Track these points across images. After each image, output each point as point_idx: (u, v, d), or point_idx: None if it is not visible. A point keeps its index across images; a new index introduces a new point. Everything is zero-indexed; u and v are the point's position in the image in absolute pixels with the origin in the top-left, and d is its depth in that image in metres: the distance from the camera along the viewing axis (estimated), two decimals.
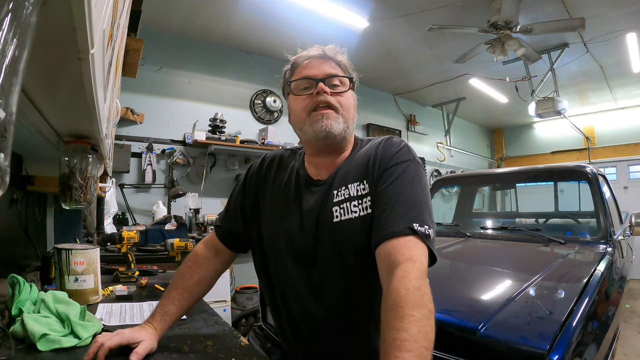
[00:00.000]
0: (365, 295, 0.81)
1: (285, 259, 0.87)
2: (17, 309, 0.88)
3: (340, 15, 3.32)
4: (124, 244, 1.59)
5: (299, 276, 0.85)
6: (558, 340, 0.93)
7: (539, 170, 2.84)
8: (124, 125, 3.37)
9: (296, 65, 0.89)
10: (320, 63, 0.86)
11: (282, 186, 0.92)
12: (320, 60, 0.86)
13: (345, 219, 0.80)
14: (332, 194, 0.83)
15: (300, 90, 0.86)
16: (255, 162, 1.01)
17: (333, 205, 0.82)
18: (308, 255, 0.84)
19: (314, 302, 0.84)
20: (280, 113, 4.30)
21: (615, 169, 6.40)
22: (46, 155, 1.16)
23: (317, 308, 0.84)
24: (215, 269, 0.97)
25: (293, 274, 0.86)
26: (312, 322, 0.86)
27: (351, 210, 0.80)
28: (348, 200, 0.81)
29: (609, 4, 3.25)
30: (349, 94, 0.87)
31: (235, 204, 0.99)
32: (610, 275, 1.57)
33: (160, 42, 3.58)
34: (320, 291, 0.84)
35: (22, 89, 0.30)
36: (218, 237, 0.99)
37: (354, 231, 0.79)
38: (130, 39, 1.81)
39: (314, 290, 0.84)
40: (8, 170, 0.28)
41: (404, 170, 0.78)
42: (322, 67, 0.86)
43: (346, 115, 0.85)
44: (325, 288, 0.83)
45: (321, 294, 0.83)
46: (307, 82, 0.85)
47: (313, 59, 0.87)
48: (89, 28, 0.42)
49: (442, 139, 6.59)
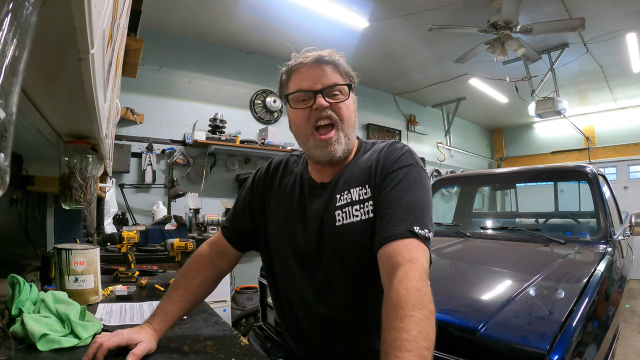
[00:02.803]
0: (367, 297, 0.81)
1: (289, 261, 0.89)
2: (17, 309, 0.88)
3: (340, 15, 3.32)
4: (124, 244, 1.59)
5: (303, 278, 0.87)
6: (558, 340, 0.93)
7: (539, 170, 2.84)
8: (124, 125, 3.37)
9: (292, 72, 0.85)
10: (318, 69, 0.82)
11: (286, 190, 0.93)
12: (316, 66, 0.82)
13: (347, 222, 0.81)
14: (335, 198, 0.84)
15: (298, 102, 0.83)
16: (263, 166, 1.02)
17: (336, 209, 0.83)
18: (311, 258, 0.86)
19: (317, 303, 0.85)
20: (280, 113, 4.30)
21: (615, 169, 6.40)
22: (46, 155, 1.16)
23: (320, 309, 0.85)
24: (219, 270, 0.97)
25: (297, 276, 0.88)
26: (315, 324, 0.87)
27: (352, 214, 0.81)
28: (350, 204, 0.82)
29: (609, 4, 3.25)
30: (349, 101, 0.85)
31: (243, 204, 0.99)
32: (610, 275, 1.57)
33: (160, 42, 3.58)
34: (323, 293, 0.84)
35: (22, 89, 0.30)
36: (225, 237, 0.99)
37: (356, 234, 0.80)
38: (130, 39, 1.81)
39: (317, 292, 0.85)
40: (8, 171, 0.28)
41: (406, 174, 0.79)
42: (319, 75, 0.81)
43: (347, 129, 0.84)
44: (328, 290, 0.84)
45: (324, 296, 0.84)
46: (304, 94, 0.82)
47: (309, 65, 0.82)
48: (89, 28, 0.42)
49: (442, 139, 6.59)
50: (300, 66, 0.83)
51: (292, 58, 0.85)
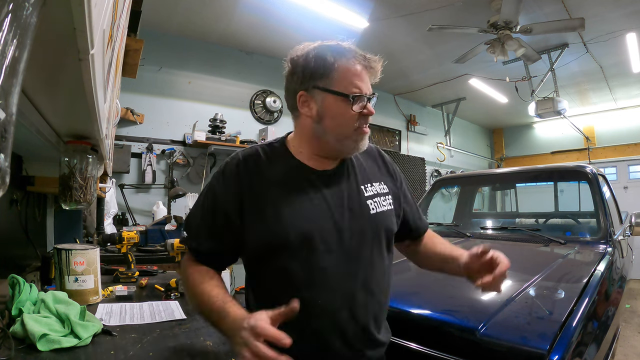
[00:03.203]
0: (390, 277, 0.95)
1: (321, 254, 0.82)
2: (17, 309, 0.88)
3: (340, 15, 3.32)
4: (124, 244, 1.59)
5: (344, 273, 0.83)
6: (558, 340, 0.93)
7: (539, 170, 2.84)
8: (124, 126, 3.37)
9: (341, 63, 0.81)
10: (369, 73, 0.85)
11: (285, 183, 0.85)
12: (368, 70, 0.84)
13: (380, 211, 0.91)
14: (361, 189, 0.91)
15: (353, 101, 0.82)
16: (228, 168, 0.87)
17: (366, 199, 0.90)
18: (352, 250, 0.85)
19: (365, 295, 0.85)
20: (280, 113, 4.29)
21: (615, 169, 6.40)
22: (46, 156, 1.16)
23: (369, 301, 0.86)
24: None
25: (334, 272, 0.82)
26: (362, 319, 0.84)
27: (382, 204, 0.93)
28: (377, 196, 0.93)
29: (609, 4, 3.26)
30: None
31: (214, 218, 0.84)
32: (610, 275, 1.57)
33: (160, 42, 3.58)
34: (368, 283, 0.86)
35: (22, 89, 0.30)
36: (202, 263, 0.86)
37: (387, 220, 0.93)
38: (130, 39, 1.81)
39: (365, 284, 0.85)
40: (8, 171, 0.29)
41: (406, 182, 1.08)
42: (369, 80, 0.85)
43: None
44: (373, 279, 0.87)
45: (370, 286, 0.86)
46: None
47: (363, 66, 0.83)
48: (89, 28, 0.42)
49: (442, 139, 6.59)
50: (355, 63, 0.82)
51: (336, 54, 0.82)
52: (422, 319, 1.18)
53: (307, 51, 0.84)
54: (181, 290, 1.32)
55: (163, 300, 1.27)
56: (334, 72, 0.81)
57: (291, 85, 0.86)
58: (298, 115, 0.87)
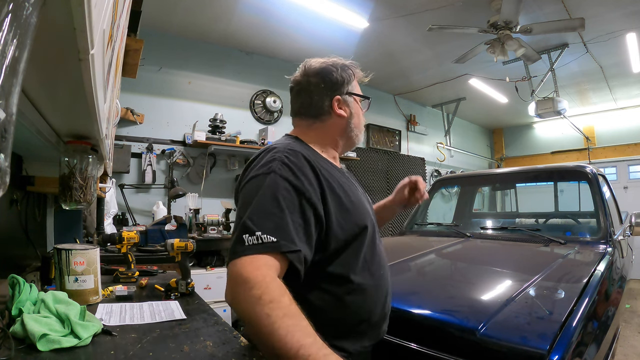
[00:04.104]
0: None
1: (375, 240, 0.96)
2: (17, 309, 0.88)
3: (340, 16, 3.32)
4: (124, 244, 1.59)
5: (382, 253, 0.98)
6: (558, 340, 0.93)
7: (539, 170, 2.84)
8: (124, 126, 3.37)
9: (355, 73, 1.03)
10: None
11: (338, 177, 0.92)
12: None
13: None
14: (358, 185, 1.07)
15: (360, 104, 1.05)
16: (292, 160, 0.82)
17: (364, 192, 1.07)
18: (376, 233, 0.99)
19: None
20: (280, 113, 4.29)
21: (615, 169, 6.40)
22: (46, 156, 1.16)
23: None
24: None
25: (382, 252, 0.97)
26: (390, 303, 1.00)
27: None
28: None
29: (609, 4, 3.26)
30: None
31: (303, 214, 0.77)
32: (610, 275, 1.57)
33: (160, 42, 3.58)
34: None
35: (22, 89, 0.30)
36: (298, 265, 0.73)
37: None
38: (130, 39, 1.81)
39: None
40: (8, 171, 0.29)
41: None
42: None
43: None
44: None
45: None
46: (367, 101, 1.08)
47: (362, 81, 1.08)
48: (89, 28, 0.42)
49: (442, 139, 6.59)
50: (358, 72, 1.04)
51: (351, 66, 1.01)
52: (422, 319, 1.18)
53: (330, 64, 0.99)
54: (184, 291, 1.31)
55: (163, 300, 1.27)
56: (353, 80, 1.01)
57: (320, 93, 0.97)
58: (327, 118, 0.98)
